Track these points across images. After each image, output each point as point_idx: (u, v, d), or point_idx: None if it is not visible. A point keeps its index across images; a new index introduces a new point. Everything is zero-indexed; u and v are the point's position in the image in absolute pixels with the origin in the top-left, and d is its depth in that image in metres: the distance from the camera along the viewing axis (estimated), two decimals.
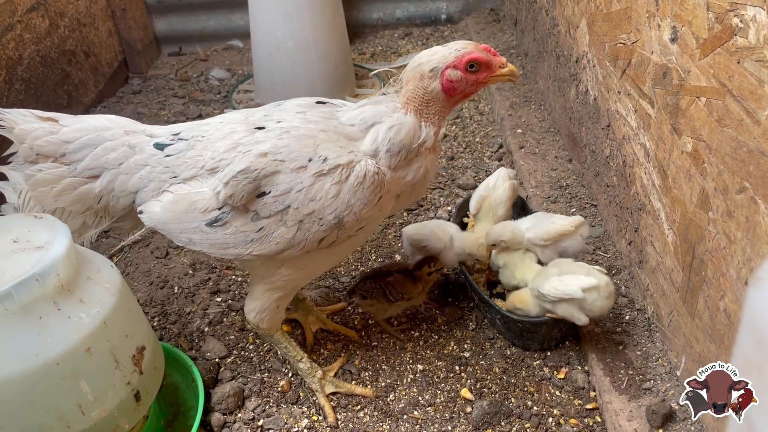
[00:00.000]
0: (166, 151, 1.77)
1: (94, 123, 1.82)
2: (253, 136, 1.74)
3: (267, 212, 1.68)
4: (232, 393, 2.01)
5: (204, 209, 1.71)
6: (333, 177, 1.68)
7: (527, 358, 2.16)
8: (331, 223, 1.70)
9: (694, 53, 1.72)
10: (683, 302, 1.88)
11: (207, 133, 1.80)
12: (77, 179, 1.78)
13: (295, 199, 1.67)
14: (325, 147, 1.70)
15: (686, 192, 1.81)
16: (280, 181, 1.67)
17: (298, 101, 1.90)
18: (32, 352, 1.42)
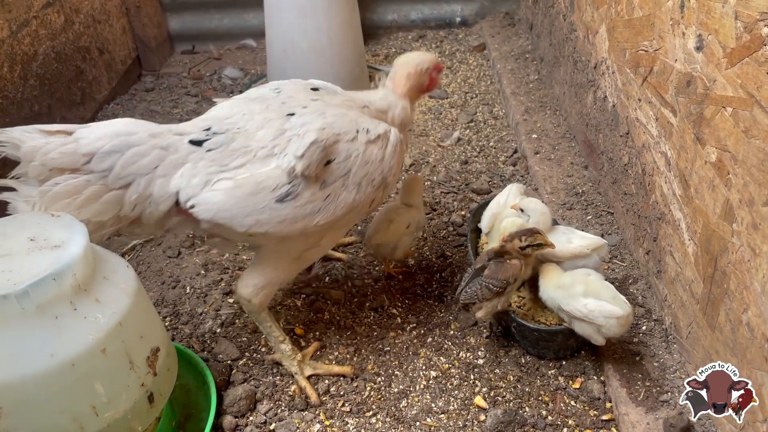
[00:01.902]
0: (205, 147, 1.81)
1: (113, 129, 1.77)
2: (295, 120, 1.88)
3: (333, 178, 1.87)
4: (245, 396, 1.99)
5: (273, 187, 1.79)
6: (378, 144, 1.95)
7: (542, 367, 2.14)
8: (379, 183, 1.96)
9: (720, 62, 1.70)
10: (703, 314, 1.85)
11: (238, 125, 1.87)
12: (102, 187, 1.74)
13: (354, 164, 1.90)
14: (363, 121, 1.97)
15: (709, 203, 1.79)
16: (340, 150, 1.87)
17: (294, 85, 2.08)
18: (48, 352, 1.41)
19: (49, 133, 1.74)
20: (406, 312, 2.39)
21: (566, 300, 1.99)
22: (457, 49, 4.57)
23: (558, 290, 2.04)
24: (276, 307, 2.41)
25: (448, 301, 2.43)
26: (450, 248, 2.70)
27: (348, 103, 2.05)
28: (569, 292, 2.01)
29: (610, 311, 1.92)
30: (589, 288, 1.99)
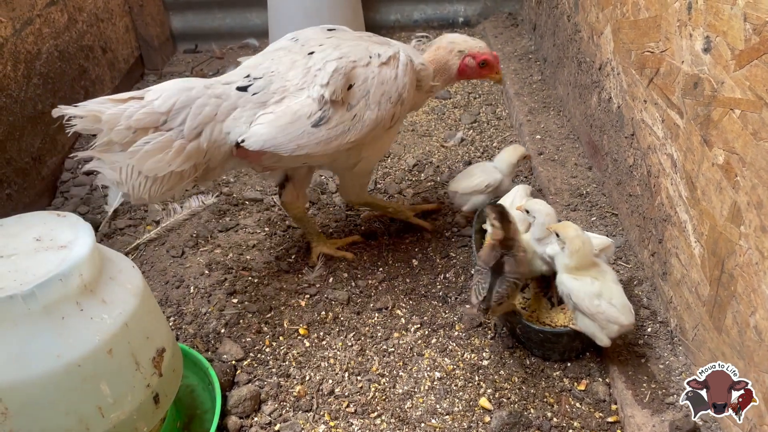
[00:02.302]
0: (250, 91, 2.08)
1: (176, 87, 1.99)
2: (316, 56, 2.17)
3: (356, 100, 2.14)
4: (249, 396, 1.99)
5: (308, 115, 2.08)
6: (390, 65, 2.21)
7: (547, 369, 2.13)
8: (396, 99, 2.23)
9: (728, 64, 1.69)
10: (710, 316, 1.85)
11: (271, 69, 2.16)
12: (184, 141, 1.97)
13: (372, 85, 2.17)
14: (374, 48, 2.23)
15: (716, 205, 1.78)
16: (358, 74, 2.16)
17: (310, 31, 2.35)
18: (54, 353, 1.41)
19: (122, 101, 1.92)
20: (410, 313, 2.38)
21: (582, 298, 1.98)
22: None
23: (575, 281, 2.01)
24: (280, 307, 2.40)
25: (452, 302, 2.43)
26: (454, 249, 2.70)
27: (363, 36, 2.35)
28: (584, 285, 1.99)
29: (616, 317, 1.92)
30: (603, 288, 1.98)
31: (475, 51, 2.44)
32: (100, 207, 3.02)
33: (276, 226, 2.85)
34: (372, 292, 2.49)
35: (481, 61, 2.45)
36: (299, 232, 2.80)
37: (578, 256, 2.01)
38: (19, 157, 2.92)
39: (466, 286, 2.50)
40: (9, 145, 2.84)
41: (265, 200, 3.03)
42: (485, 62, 2.46)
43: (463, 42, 2.45)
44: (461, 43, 2.44)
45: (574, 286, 2.00)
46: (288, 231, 2.83)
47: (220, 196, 3.05)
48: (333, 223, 2.89)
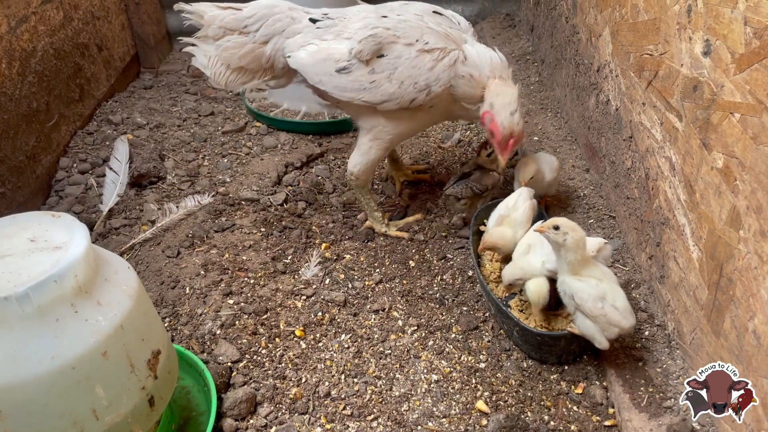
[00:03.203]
0: (317, 24, 2.46)
1: (265, 3, 2.49)
2: (380, 20, 2.40)
3: (380, 69, 2.35)
4: (245, 399, 1.97)
5: (337, 59, 2.38)
6: (432, 55, 2.33)
7: (544, 372, 2.13)
8: (422, 87, 2.35)
9: (728, 68, 1.69)
10: (708, 320, 1.85)
11: (347, 16, 2.48)
12: (255, 45, 2.47)
13: (402, 64, 2.34)
14: (429, 36, 2.36)
15: (715, 209, 1.78)
16: (395, 50, 2.34)
17: (419, 7, 2.51)
18: (48, 354, 1.39)
19: (223, 8, 2.48)
20: (407, 315, 2.37)
21: (583, 293, 1.96)
22: None
23: (579, 282, 1.99)
24: (276, 308, 2.39)
25: (449, 304, 2.42)
26: (451, 251, 2.69)
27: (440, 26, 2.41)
28: (589, 287, 1.97)
29: (618, 321, 1.92)
30: (608, 290, 1.97)
31: (496, 118, 2.37)
32: (95, 206, 3.00)
33: (272, 227, 2.84)
34: (369, 293, 2.48)
35: (491, 131, 2.41)
36: (296, 233, 2.79)
37: (582, 248, 2.00)
38: (14, 156, 2.90)
39: (464, 288, 2.49)
40: (3, 143, 2.82)
41: (261, 200, 3.02)
42: (492, 134, 2.42)
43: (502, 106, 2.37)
44: (495, 98, 2.38)
45: (579, 287, 1.98)
46: (284, 232, 2.81)
47: (216, 195, 3.03)
48: (330, 224, 2.88)
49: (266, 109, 3.76)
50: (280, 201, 3.01)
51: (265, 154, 3.41)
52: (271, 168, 3.25)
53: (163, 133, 3.59)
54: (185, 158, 3.36)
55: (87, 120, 3.68)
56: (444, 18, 2.51)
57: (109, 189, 3.06)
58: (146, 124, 3.66)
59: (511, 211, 2.38)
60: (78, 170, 3.25)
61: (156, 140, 3.50)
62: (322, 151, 3.42)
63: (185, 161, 3.33)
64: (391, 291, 2.49)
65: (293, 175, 3.21)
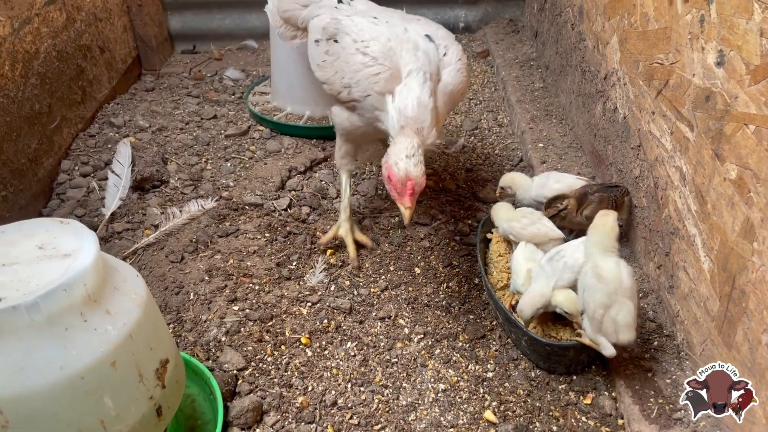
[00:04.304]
0: (337, 6, 2.62)
1: None
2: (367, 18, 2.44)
3: (331, 53, 2.43)
4: (251, 407, 1.95)
5: (317, 30, 2.53)
6: (364, 59, 2.29)
7: (552, 382, 2.11)
8: (345, 84, 2.35)
9: (743, 79, 1.68)
10: (719, 332, 1.83)
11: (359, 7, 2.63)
12: (296, 5, 2.80)
13: (342, 56, 2.37)
14: (375, 44, 2.30)
15: (728, 220, 1.77)
16: (344, 40, 2.38)
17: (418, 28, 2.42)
18: (57, 364, 1.37)
19: None
20: (413, 322, 2.36)
21: (594, 293, 1.96)
22: None
23: (600, 283, 1.97)
24: (282, 315, 2.37)
25: (455, 312, 2.41)
26: (457, 258, 2.67)
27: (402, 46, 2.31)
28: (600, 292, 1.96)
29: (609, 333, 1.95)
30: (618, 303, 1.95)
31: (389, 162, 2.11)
32: (96, 210, 2.98)
33: (277, 232, 2.82)
34: (374, 300, 2.46)
35: (388, 176, 2.12)
36: (300, 239, 2.77)
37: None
38: (16, 158, 2.87)
39: (470, 296, 2.48)
40: (5, 146, 2.79)
41: (265, 205, 3.00)
42: (390, 179, 2.11)
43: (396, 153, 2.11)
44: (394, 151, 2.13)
45: (592, 285, 1.98)
46: (289, 237, 2.79)
47: (219, 200, 3.01)
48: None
49: (269, 113, 3.74)
50: (284, 206, 2.99)
51: (268, 159, 3.39)
52: (275, 172, 3.23)
53: (165, 136, 3.57)
54: (188, 162, 3.33)
55: (89, 122, 3.65)
56: (429, 46, 2.34)
57: (112, 192, 3.04)
58: (148, 127, 3.64)
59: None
60: (80, 173, 3.22)
61: (158, 143, 3.48)
62: (325, 155, 3.40)
63: (188, 165, 3.31)
64: (397, 298, 2.47)
65: (297, 180, 3.19)
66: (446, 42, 2.43)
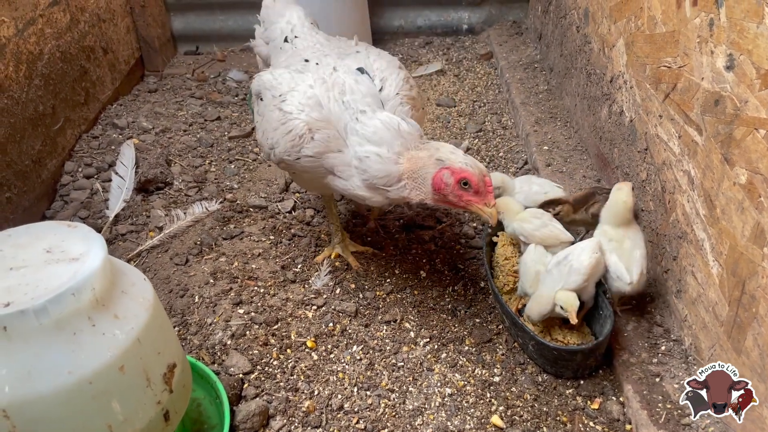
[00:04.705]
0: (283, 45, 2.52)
1: (283, 9, 2.61)
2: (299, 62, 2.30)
3: (259, 112, 2.30)
4: (258, 412, 1.95)
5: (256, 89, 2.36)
6: (280, 115, 2.11)
7: (559, 386, 2.10)
8: (268, 145, 2.19)
9: (753, 83, 1.67)
10: (728, 337, 1.83)
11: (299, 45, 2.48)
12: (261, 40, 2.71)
13: (265, 115, 2.20)
14: (293, 95, 2.12)
15: (737, 225, 1.76)
16: (266, 98, 2.21)
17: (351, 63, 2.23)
18: (65, 369, 1.36)
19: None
20: (419, 326, 2.35)
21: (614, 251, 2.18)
22: (464, 57, 4.55)
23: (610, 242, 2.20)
24: (287, 318, 2.36)
25: (461, 315, 2.40)
26: (462, 261, 2.67)
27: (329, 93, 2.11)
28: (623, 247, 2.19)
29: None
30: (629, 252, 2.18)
31: (455, 165, 1.90)
32: (100, 212, 2.97)
33: (281, 235, 2.81)
34: (380, 304, 2.45)
35: (462, 180, 1.91)
36: (305, 242, 2.76)
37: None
38: (20, 160, 2.86)
39: (476, 300, 2.47)
40: (9, 147, 2.79)
41: (270, 207, 2.99)
42: (466, 182, 1.91)
43: (449, 150, 1.96)
44: (445, 150, 1.96)
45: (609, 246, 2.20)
46: (293, 240, 2.79)
47: (223, 202, 3.00)
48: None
49: None
50: (289, 208, 2.98)
51: None
52: (279, 174, 3.22)
53: (169, 138, 3.56)
54: (192, 164, 3.33)
55: (92, 124, 3.65)
56: (363, 78, 2.14)
57: (115, 194, 3.03)
58: (152, 129, 3.63)
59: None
60: (83, 175, 3.21)
61: (162, 145, 3.47)
62: None
63: (192, 167, 3.30)
64: (403, 301, 2.46)
65: None
66: (384, 73, 2.18)
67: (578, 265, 2.11)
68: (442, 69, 4.36)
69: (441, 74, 4.32)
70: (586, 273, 2.09)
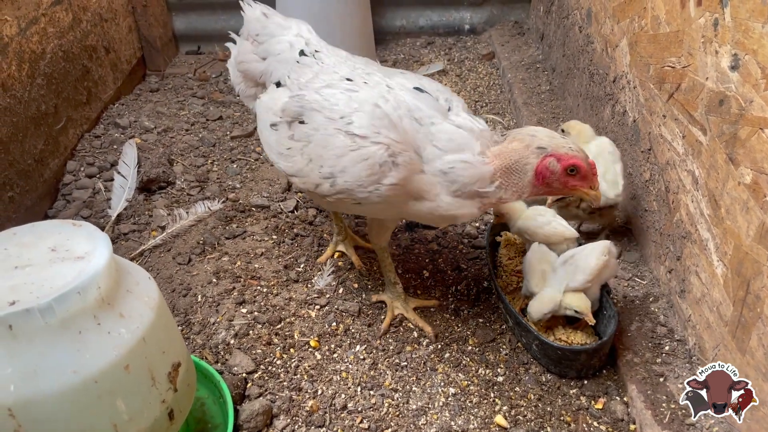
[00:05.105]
0: (299, 59, 2.19)
1: (283, 21, 2.34)
2: (342, 82, 2.01)
3: (299, 137, 1.99)
4: (262, 411, 1.94)
5: (274, 111, 2.10)
6: (347, 140, 1.85)
7: (563, 386, 2.10)
8: (326, 174, 1.90)
9: (758, 83, 1.67)
10: (732, 337, 1.82)
11: (326, 60, 2.16)
12: (254, 56, 2.34)
13: (316, 140, 1.93)
14: (360, 116, 1.87)
15: (742, 225, 1.76)
16: (315, 120, 1.94)
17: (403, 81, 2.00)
18: (70, 368, 1.35)
19: (261, 13, 2.40)
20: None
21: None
22: (466, 57, 4.54)
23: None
24: (290, 317, 2.36)
25: (464, 315, 2.39)
26: (465, 261, 2.66)
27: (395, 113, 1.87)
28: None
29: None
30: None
31: (562, 151, 1.80)
32: (103, 211, 2.96)
33: (284, 234, 2.81)
34: (383, 303, 2.45)
35: (570, 167, 1.81)
36: (308, 241, 2.76)
37: None
38: (22, 159, 2.86)
39: (479, 299, 2.47)
40: (12, 146, 2.78)
41: (272, 207, 2.99)
42: (575, 169, 1.81)
43: (548, 136, 1.84)
44: (544, 136, 1.84)
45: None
46: (296, 239, 2.78)
47: (226, 202, 3.00)
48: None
49: None
50: (291, 208, 2.98)
51: None
52: (281, 174, 3.22)
53: (171, 138, 3.56)
54: (194, 163, 3.32)
55: (94, 123, 3.64)
56: (424, 96, 1.94)
57: (118, 193, 3.03)
58: (154, 128, 3.63)
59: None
60: (85, 174, 3.21)
61: (164, 144, 3.47)
62: None
63: (194, 166, 3.30)
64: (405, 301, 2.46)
65: None
66: (445, 94, 2.00)
67: (584, 265, 2.11)
68: (444, 69, 4.36)
69: (443, 74, 4.32)
70: (591, 273, 2.09)
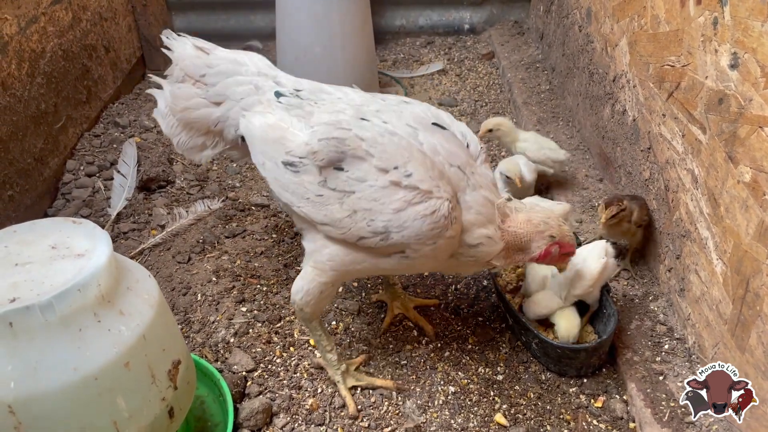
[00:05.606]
0: (281, 100, 1.96)
1: (234, 57, 2.08)
2: (358, 122, 1.81)
3: (335, 185, 1.77)
4: (261, 409, 1.94)
5: (289, 150, 1.83)
6: (408, 194, 1.71)
7: (563, 384, 2.11)
8: (379, 229, 1.74)
9: (758, 82, 1.67)
10: (732, 335, 1.83)
11: (322, 98, 1.96)
12: (204, 101, 2.06)
13: (363, 191, 1.73)
14: (415, 166, 1.73)
15: (741, 223, 1.76)
16: (361, 168, 1.74)
17: (416, 113, 1.89)
18: (70, 365, 1.36)
19: (196, 47, 2.11)
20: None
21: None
22: (466, 57, 4.55)
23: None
24: (290, 316, 2.36)
25: (464, 314, 2.40)
26: None
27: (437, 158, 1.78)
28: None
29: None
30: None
31: (565, 241, 1.90)
32: (102, 210, 2.96)
33: (284, 233, 2.81)
34: (382, 302, 2.45)
35: (566, 253, 1.94)
36: None
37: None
38: (22, 158, 2.86)
39: (478, 298, 2.47)
40: (12, 145, 2.78)
41: (272, 206, 2.99)
42: (569, 255, 1.96)
43: (559, 226, 1.88)
44: (556, 225, 1.88)
45: None
46: (296, 238, 2.78)
47: (226, 200, 3.00)
48: None
49: None
50: None
51: None
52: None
53: None
54: (194, 162, 3.32)
55: (94, 122, 3.64)
56: (448, 135, 1.85)
57: (118, 192, 3.03)
58: (154, 127, 3.62)
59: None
60: (85, 173, 3.21)
61: (164, 143, 3.47)
62: None
63: (194, 165, 3.30)
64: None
65: None
66: (457, 126, 1.92)
67: (585, 271, 2.11)
68: (443, 69, 4.36)
69: (443, 74, 4.32)
70: (592, 278, 2.09)
